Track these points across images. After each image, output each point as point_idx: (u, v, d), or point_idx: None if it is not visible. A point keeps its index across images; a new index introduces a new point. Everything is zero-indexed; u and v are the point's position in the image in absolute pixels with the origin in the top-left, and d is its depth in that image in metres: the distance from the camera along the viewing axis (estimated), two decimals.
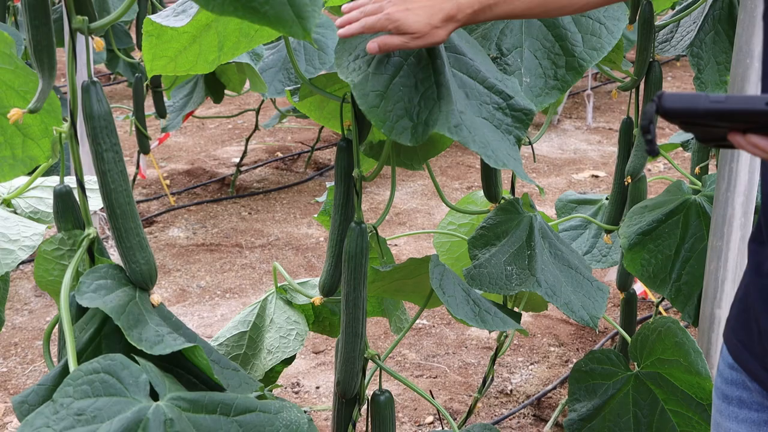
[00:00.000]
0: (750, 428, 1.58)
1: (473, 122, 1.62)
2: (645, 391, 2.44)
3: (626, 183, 2.82)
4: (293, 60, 1.86)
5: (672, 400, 2.39)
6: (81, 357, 1.41)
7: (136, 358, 1.33)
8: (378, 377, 2.17)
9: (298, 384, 3.76)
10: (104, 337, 1.45)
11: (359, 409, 2.08)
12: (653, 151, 1.19)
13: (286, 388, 3.71)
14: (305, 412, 1.91)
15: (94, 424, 1.20)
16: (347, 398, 2.04)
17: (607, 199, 3.10)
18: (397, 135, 1.60)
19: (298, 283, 2.41)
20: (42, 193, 1.99)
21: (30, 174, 1.90)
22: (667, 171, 6.50)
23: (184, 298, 4.55)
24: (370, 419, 2.12)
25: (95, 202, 1.78)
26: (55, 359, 1.71)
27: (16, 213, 1.94)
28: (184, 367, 1.45)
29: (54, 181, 2.00)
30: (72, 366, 1.32)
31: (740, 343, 1.58)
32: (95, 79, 1.49)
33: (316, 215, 2.59)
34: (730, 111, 1.16)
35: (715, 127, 1.21)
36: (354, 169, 1.90)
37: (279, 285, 2.43)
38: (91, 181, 1.73)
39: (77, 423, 1.19)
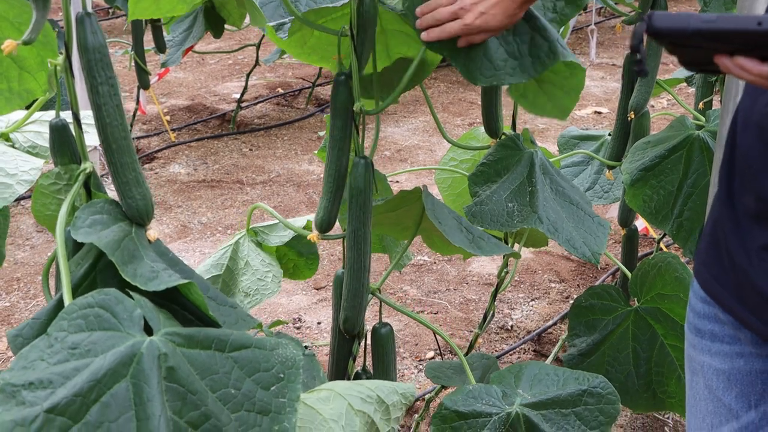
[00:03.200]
0: (723, 360, 1.59)
1: None
2: (644, 326, 2.44)
3: (629, 118, 2.80)
4: None
5: (671, 334, 2.39)
6: (76, 292, 1.40)
7: (131, 293, 1.32)
8: (377, 312, 2.17)
9: (299, 320, 3.77)
10: (99, 272, 1.43)
11: (359, 344, 2.08)
12: (642, 71, 1.18)
13: (287, 323, 3.73)
14: (306, 347, 1.90)
15: (88, 357, 1.19)
16: (354, 334, 2.03)
17: (609, 135, 3.08)
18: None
19: (264, 227, 2.37)
20: (40, 127, 1.96)
21: (28, 108, 1.88)
22: (670, 107, 6.47)
23: (186, 234, 4.55)
24: (371, 352, 2.12)
25: (93, 137, 1.76)
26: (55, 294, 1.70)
27: (14, 147, 1.92)
28: (180, 304, 1.44)
29: (53, 115, 1.98)
30: (67, 300, 1.31)
31: (712, 276, 1.58)
32: (90, 10, 1.46)
33: (317, 151, 2.56)
34: (720, 30, 1.13)
35: (702, 49, 1.18)
36: (355, 103, 1.87)
37: (251, 227, 2.38)
38: (88, 115, 1.71)
39: (71, 356, 1.19)
